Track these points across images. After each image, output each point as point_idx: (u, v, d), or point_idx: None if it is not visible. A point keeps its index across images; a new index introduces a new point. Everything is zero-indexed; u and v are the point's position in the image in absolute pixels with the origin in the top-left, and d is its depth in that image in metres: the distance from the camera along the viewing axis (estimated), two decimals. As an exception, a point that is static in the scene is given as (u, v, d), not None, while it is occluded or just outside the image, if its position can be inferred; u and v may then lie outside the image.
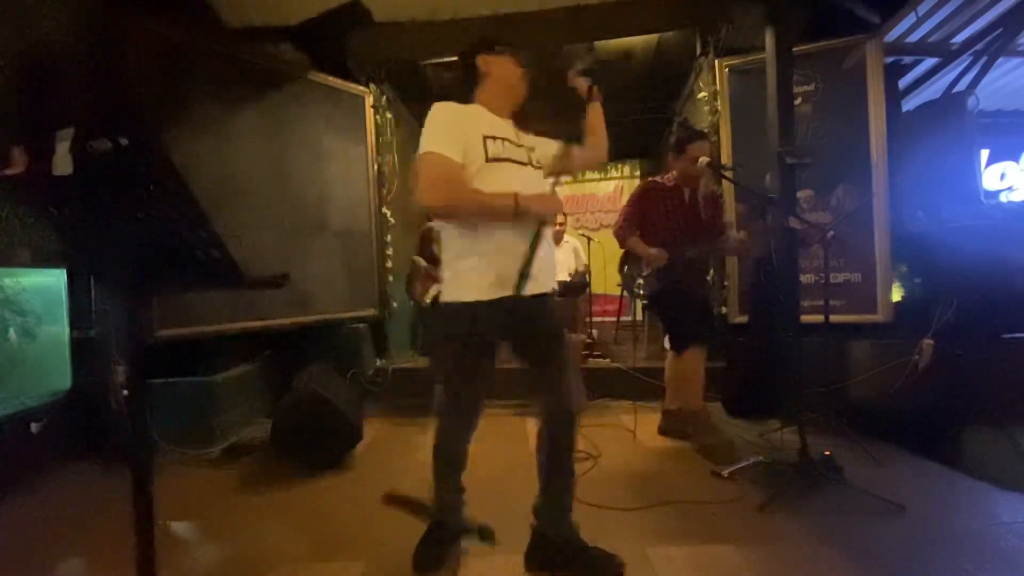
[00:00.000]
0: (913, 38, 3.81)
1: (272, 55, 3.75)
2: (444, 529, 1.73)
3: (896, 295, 3.47)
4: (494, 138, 1.58)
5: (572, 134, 1.84)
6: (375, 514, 2.19)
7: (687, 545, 1.85)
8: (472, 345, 1.59)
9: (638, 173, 7.38)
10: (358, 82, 4.26)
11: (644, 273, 2.94)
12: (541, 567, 1.66)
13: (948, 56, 3.98)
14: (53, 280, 2.71)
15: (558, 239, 4.56)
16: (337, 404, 2.66)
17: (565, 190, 6.53)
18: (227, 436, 3.13)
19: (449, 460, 1.72)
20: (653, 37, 4.72)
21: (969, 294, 2.71)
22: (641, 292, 2.99)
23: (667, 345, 3.01)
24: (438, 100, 1.59)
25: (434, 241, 3.80)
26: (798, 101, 3.53)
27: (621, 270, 3.14)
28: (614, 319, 3.23)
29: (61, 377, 2.72)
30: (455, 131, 1.54)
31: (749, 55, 3.79)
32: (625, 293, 3.06)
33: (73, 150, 0.87)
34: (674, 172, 3.00)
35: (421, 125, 1.56)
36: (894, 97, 3.94)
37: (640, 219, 3.00)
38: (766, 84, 3.28)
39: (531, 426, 1.59)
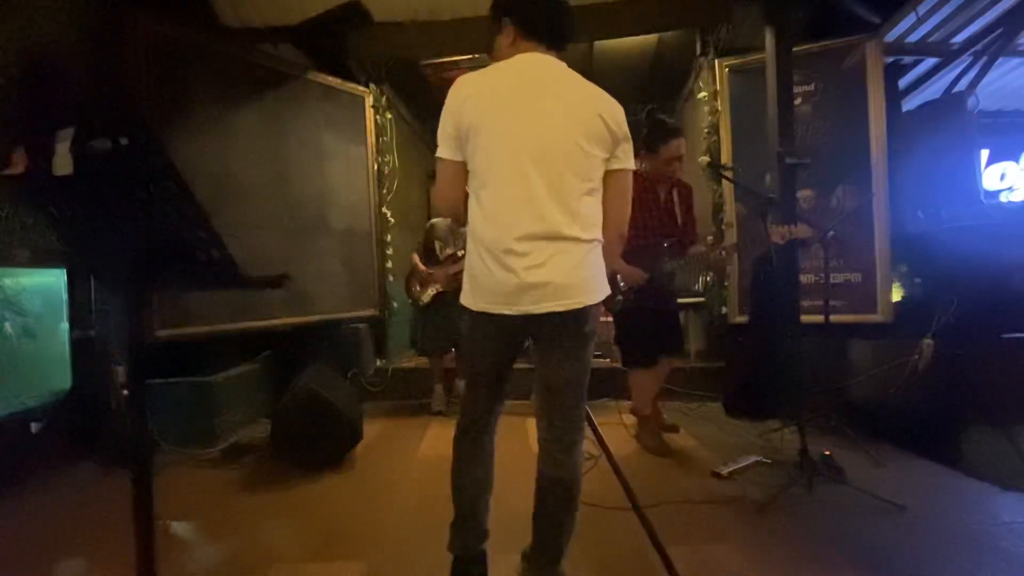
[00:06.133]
0: (913, 38, 3.80)
1: (272, 55, 3.75)
2: (467, 523, 1.58)
3: (896, 295, 3.46)
4: None
5: None
6: (375, 514, 2.19)
7: (687, 545, 1.84)
8: (471, 347, 1.53)
9: (637, 173, 7.36)
10: (358, 82, 4.26)
11: (623, 287, 2.75)
12: None
13: (948, 56, 3.97)
14: (53, 280, 2.71)
15: None
16: (337, 404, 2.66)
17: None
18: (227, 436, 3.13)
19: (463, 447, 1.58)
20: (653, 37, 4.72)
21: (969, 294, 2.71)
22: (617, 309, 2.82)
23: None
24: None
25: (437, 239, 3.79)
26: (798, 101, 3.53)
27: None
28: (609, 319, 3.19)
29: (61, 377, 2.72)
30: None
31: (749, 55, 3.79)
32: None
33: (73, 150, 0.87)
34: (645, 168, 2.80)
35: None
36: (894, 97, 3.94)
37: None
38: (766, 84, 3.28)
39: (532, 426, 1.57)
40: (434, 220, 3.88)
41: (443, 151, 1.46)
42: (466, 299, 1.48)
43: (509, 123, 1.38)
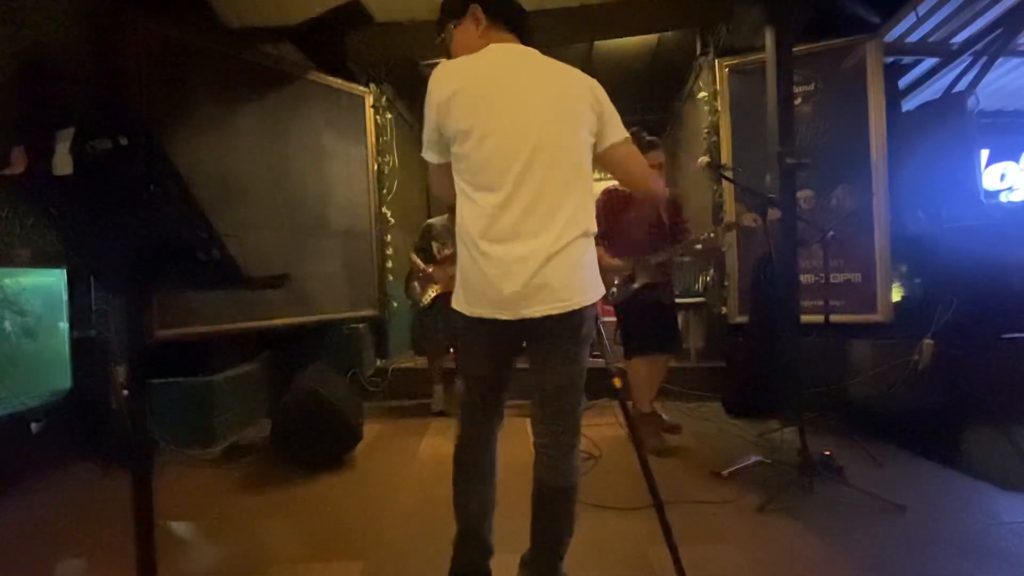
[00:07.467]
0: (913, 38, 3.81)
1: (272, 55, 3.75)
2: (470, 541, 1.55)
3: (896, 295, 3.46)
4: None
5: None
6: (375, 514, 2.19)
7: (687, 545, 1.83)
8: (467, 352, 1.50)
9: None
10: (358, 82, 4.26)
11: (616, 282, 2.93)
12: None
13: (948, 56, 3.98)
14: (53, 280, 2.71)
15: None
16: (337, 404, 2.66)
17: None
18: (227, 436, 3.13)
19: (462, 463, 1.55)
20: (653, 37, 4.73)
21: (969, 294, 2.71)
22: (611, 301, 2.98)
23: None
24: None
25: (433, 239, 3.78)
26: (798, 101, 3.53)
27: None
28: (614, 319, 3.21)
29: (61, 377, 2.72)
30: None
31: (749, 55, 3.79)
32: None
33: (73, 150, 0.87)
34: None
35: (421, 125, 1.48)
36: (894, 97, 3.94)
37: (606, 229, 2.93)
38: (766, 84, 3.28)
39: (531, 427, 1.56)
40: (431, 220, 3.87)
41: (427, 154, 1.45)
42: (459, 304, 1.43)
43: (503, 124, 1.34)
